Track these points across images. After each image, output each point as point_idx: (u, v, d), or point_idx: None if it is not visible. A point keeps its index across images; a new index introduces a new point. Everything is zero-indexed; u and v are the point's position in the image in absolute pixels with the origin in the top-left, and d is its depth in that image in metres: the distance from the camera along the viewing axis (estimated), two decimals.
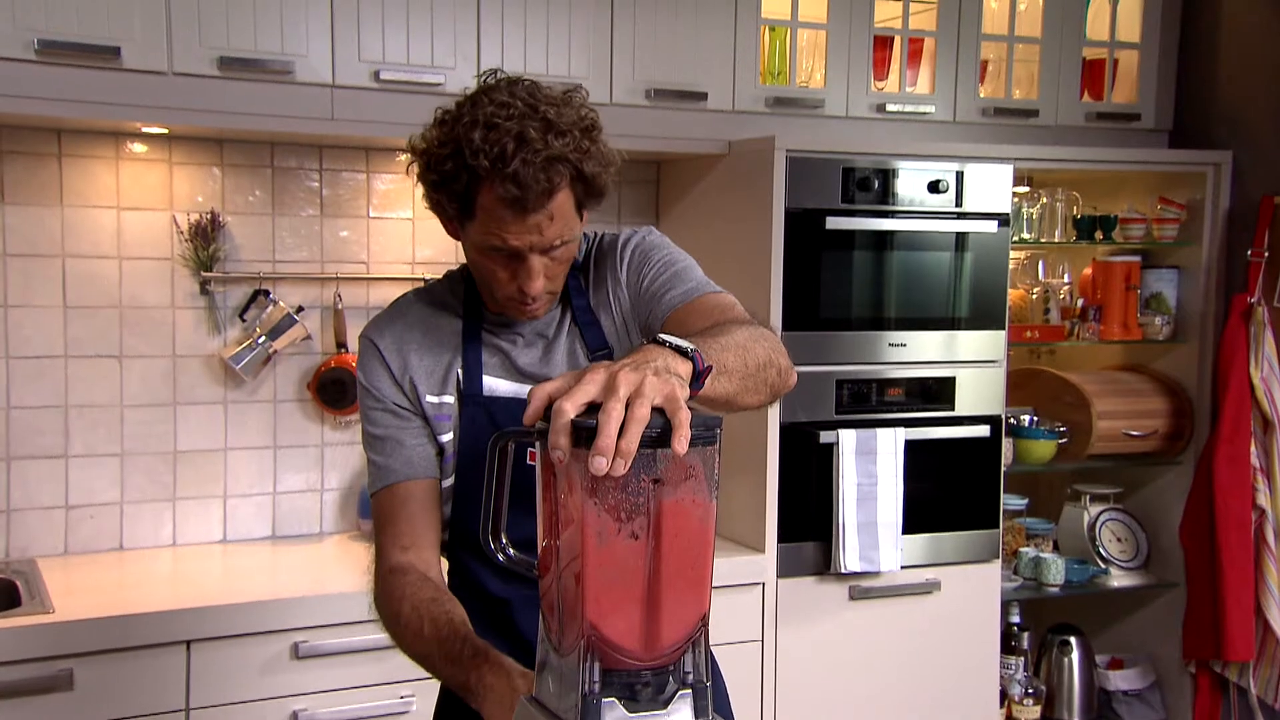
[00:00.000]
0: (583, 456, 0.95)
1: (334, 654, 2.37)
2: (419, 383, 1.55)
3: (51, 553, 2.70)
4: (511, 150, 1.36)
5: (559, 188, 1.39)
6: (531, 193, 1.37)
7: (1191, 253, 3.28)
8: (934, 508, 2.94)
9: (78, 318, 2.70)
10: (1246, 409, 3.07)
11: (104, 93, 2.36)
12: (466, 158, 1.37)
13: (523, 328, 1.57)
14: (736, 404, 1.30)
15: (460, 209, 1.43)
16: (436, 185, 1.44)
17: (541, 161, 1.36)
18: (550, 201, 1.39)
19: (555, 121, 1.39)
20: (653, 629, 0.99)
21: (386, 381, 1.55)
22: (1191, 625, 3.19)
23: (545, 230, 1.41)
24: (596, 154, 1.43)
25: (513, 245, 1.41)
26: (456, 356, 1.56)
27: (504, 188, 1.37)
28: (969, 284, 2.94)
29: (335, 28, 2.52)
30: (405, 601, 1.46)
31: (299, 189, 2.87)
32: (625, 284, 1.57)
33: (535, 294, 1.46)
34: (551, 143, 1.37)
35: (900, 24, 3.08)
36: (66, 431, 2.71)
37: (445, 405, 1.56)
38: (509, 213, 1.39)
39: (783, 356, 1.38)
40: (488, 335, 1.57)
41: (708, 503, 1.00)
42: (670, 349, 1.13)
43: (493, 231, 1.41)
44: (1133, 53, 3.36)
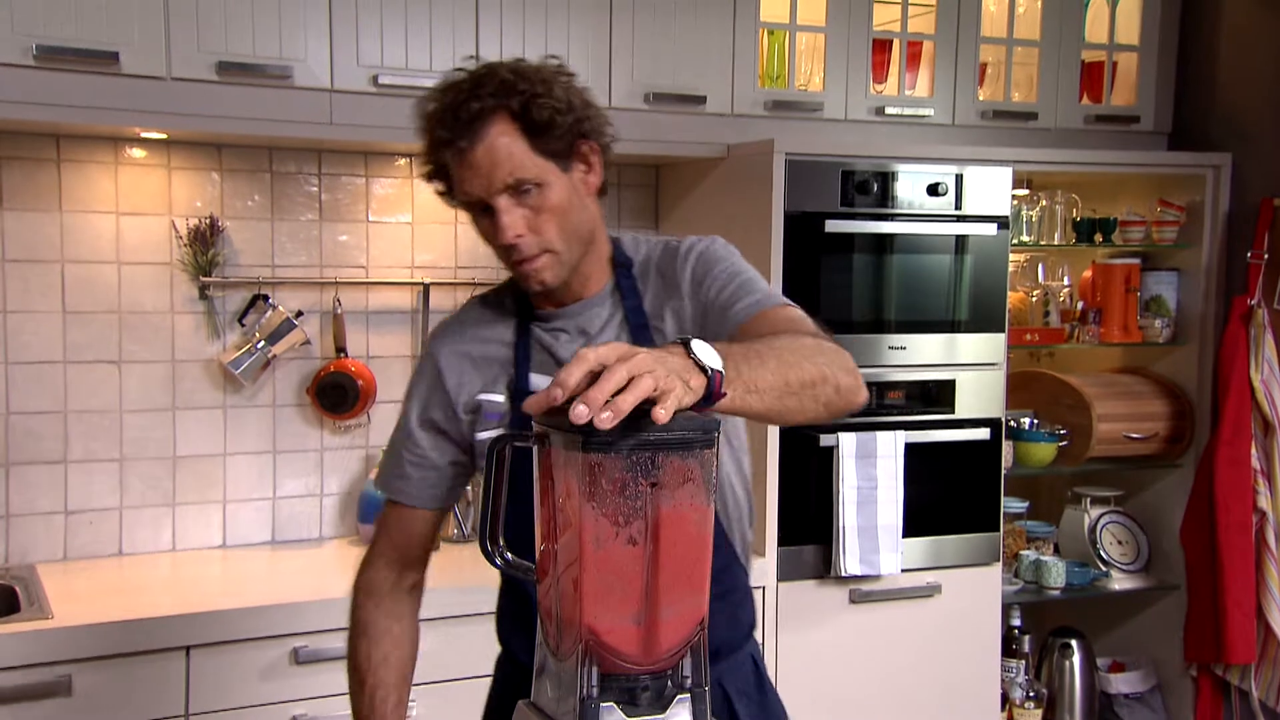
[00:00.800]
0: (578, 460, 0.95)
1: (334, 659, 2.36)
2: (473, 381, 1.60)
3: (51, 558, 2.70)
4: (443, 95, 1.47)
5: (483, 119, 1.43)
6: (459, 130, 1.43)
7: (1191, 255, 3.28)
8: (934, 511, 2.94)
9: (77, 323, 2.70)
10: (1247, 411, 3.06)
11: (103, 98, 2.36)
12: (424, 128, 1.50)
13: (567, 323, 1.58)
14: (777, 420, 1.31)
15: (447, 182, 1.51)
16: (431, 175, 1.54)
17: (464, 99, 1.44)
18: (476, 136, 1.43)
19: (489, 74, 1.46)
20: (651, 633, 0.98)
21: (430, 395, 1.61)
22: (1192, 628, 3.19)
23: (491, 171, 1.44)
24: (536, 92, 1.45)
25: (469, 192, 1.47)
26: (509, 353, 1.60)
27: (438, 134, 1.46)
28: (969, 287, 2.93)
29: (334, 33, 2.52)
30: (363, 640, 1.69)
31: (298, 193, 2.87)
32: (688, 294, 1.56)
33: (509, 241, 1.47)
34: (478, 88, 1.44)
35: (899, 27, 3.08)
36: (66, 437, 2.70)
37: (495, 403, 1.58)
38: (454, 160, 1.46)
39: (846, 374, 1.36)
40: (537, 331, 1.60)
41: (705, 507, 0.99)
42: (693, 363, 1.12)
43: (459, 189, 1.49)
44: (1132, 55, 3.36)
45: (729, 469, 1.61)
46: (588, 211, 1.53)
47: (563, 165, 1.48)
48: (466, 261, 3.03)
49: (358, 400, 2.88)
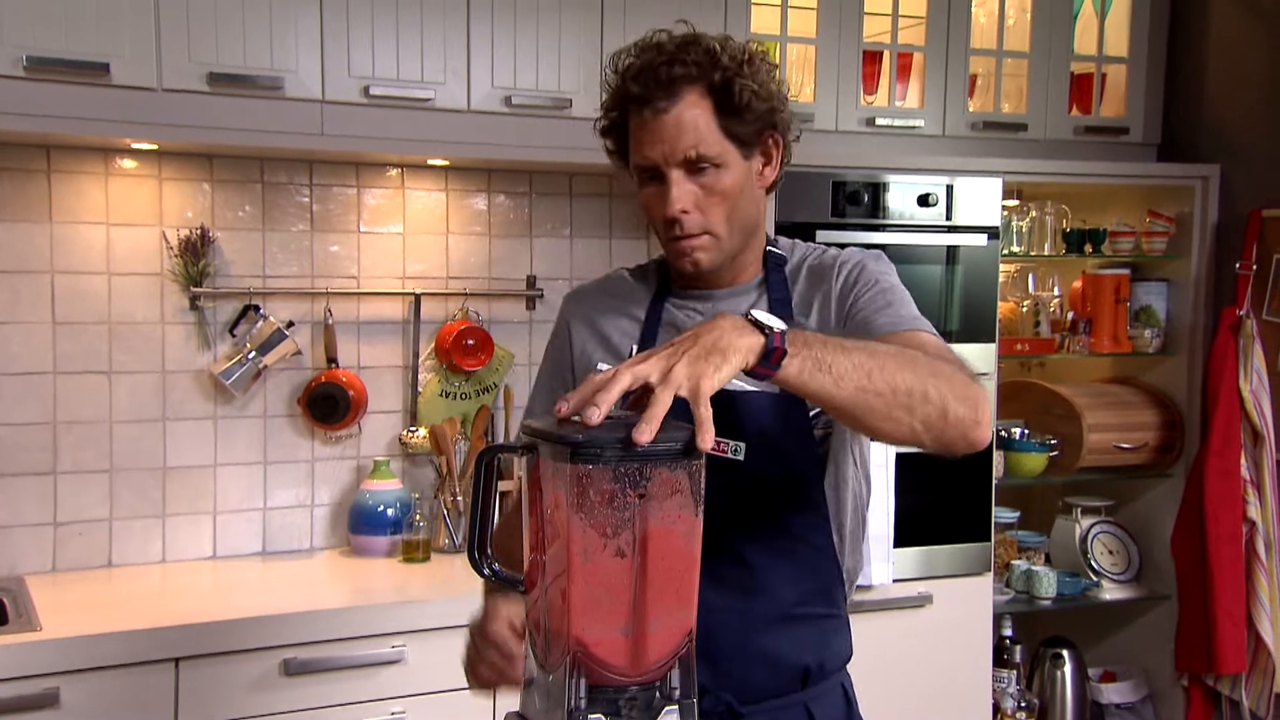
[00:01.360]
0: (567, 471, 0.95)
1: (324, 670, 2.36)
2: (593, 349, 1.60)
3: (40, 570, 2.69)
4: (636, 58, 1.46)
5: (680, 85, 1.42)
6: (652, 89, 1.41)
7: (1180, 266, 3.29)
8: (925, 521, 2.94)
9: (67, 334, 2.69)
10: (1236, 421, 3.07)
11: (93, 109, 2.36)
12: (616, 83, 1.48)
13: (707, 306, 1.55)
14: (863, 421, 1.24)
15: (619, 141, 1.50)
16: (605, 134, 1.53)
17: (664, 61, 1.42)
18: (671, 100, 1.42)
19: (695, 41, 1.45)
20: (639, 645, 0.98)
21: (556, 349, 1.64)
22: (1183, 638, 3.19)
23: (676, 139, 1.42)
24: (739, 72, 1.44)
25: (646, 155, 1.44)
26: (635, 330, 1.58)
27: (631, 88, 1.44)
28: (959, 297, 2.94)
29: (325, 44, 2.52)
30: None
31: (289, 204, 2.87)
32: (835, 298, 1.54)
33: (674, 214, 1.45)
34: (682, 52, 1.43)
35: (889, 39, 3.09)
36: (55, 448, 2.69)
37: None
38: (638, 120, 1.44)
39: (961, 403, 1.28)
40: (672, 310, 1.58)
41: (693, 519, 0.99)
42: (747, 319, 1.17)
43: (635, 150, 1.46)
44: (1120, 67, 3.38)
45: (852, 484, 1.59)
46: (756, 204, 1.52)
47: (745, 151, 1.47)
48: (458, 272, 3.03)
49: (349, 411, 2.87)
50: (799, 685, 1.51)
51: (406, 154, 2.80)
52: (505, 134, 2.70)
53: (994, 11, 3.23)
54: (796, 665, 1.50)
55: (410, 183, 2.97)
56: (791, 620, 1.50)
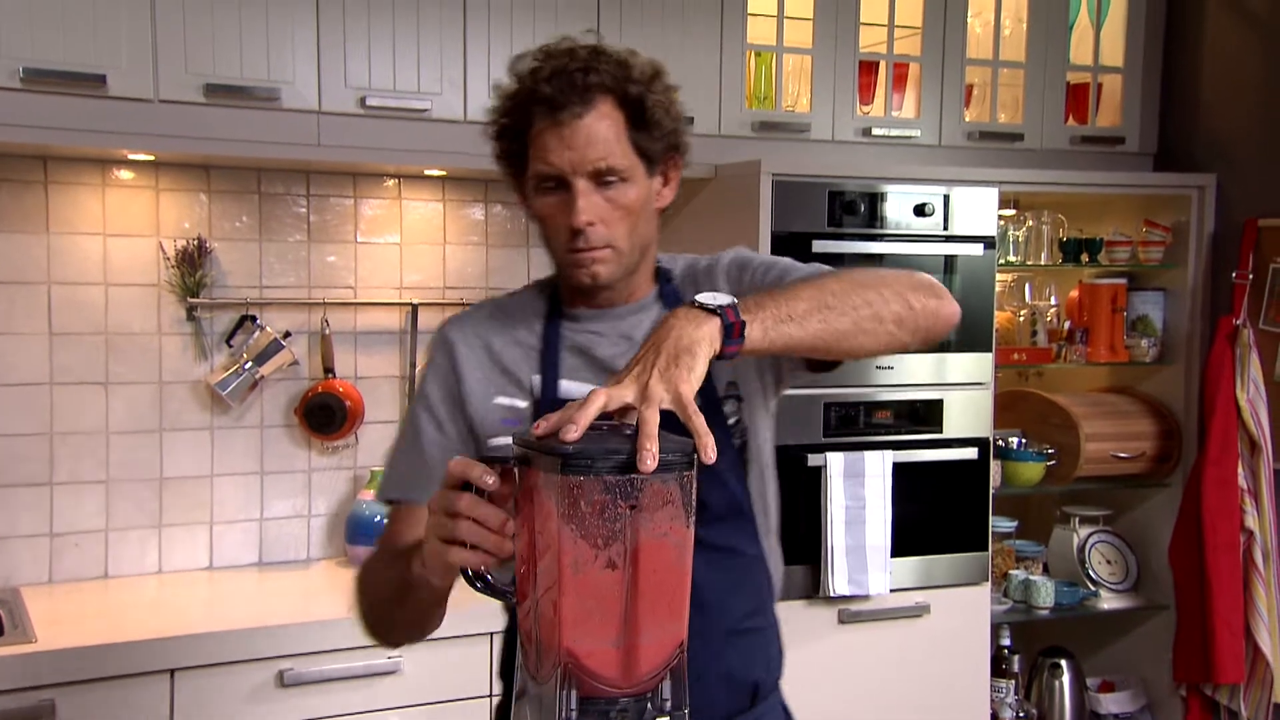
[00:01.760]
0: (557, 482, 0.95)
1: (320, 681, 2.35)
2: (489, 383, 1.51)
3: (36, 581, 2.68)
4: (544, 59, 1.41)
5: (595, 94, 1.39)
6: (566, 94, 1.37)
7: (1177, 275, 3.29)
8: (923, 530, 2.94)
9: (63, 345, 2.69)
10: (1233, 431, 3.07)
11: (90, 120, 2.37)
12: (518, 83, 1.42)
13: (607, 326, 1.52)
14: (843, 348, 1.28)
15: (517, 151, 1.44)
16: (498, 136, 1.47)
17: (579, 67, 1.39)
18: (584, 107, 1.38)
19: (606, 52, 1.43)
20: (630, 656, 0.98)
21: (442, 387, 1.52)
22: (1182, 648, 3.19)
23: (583, 146, 1.39)
24: (650, 87, 1.42)
25: (553, 163, 1.40)
26: (533, 358, 1.52)
27: (540, 92, 1.39)
28: None
29: (321, 54, 2.53)
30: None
31: (286, 215, 2.88)
32: (725, 290, 1.52)
33: (581, 224, 1.40)
34: (596, 60, 1.40)
35: (885, 49, 3.09)
36: (51, 459, 2.69)
37: (516, 409, 1.50)
38: (545, 122, 1.39)
39: (918, 290, 1.36)
40: (567, 335, 1.52)
41: (685, 530, 0.99)
42: (695, 308, 1.16)
43: (535, 157, 1.42)
44: (1116, 77, 3.38)
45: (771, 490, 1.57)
46: (653, 223, 1.51)
47: (649, 168, 1.46)
48: (455, 282, 3.04)
49: (345, 421, 2.88)
50: (749, 703, 1.50)
51: (403, 164, 2.80)
52: None
53: (990, 22, 3.24)
54: (747, 681, 1.50)
55: (407, 193, 2.98)
56: (737, 635, 1.50)
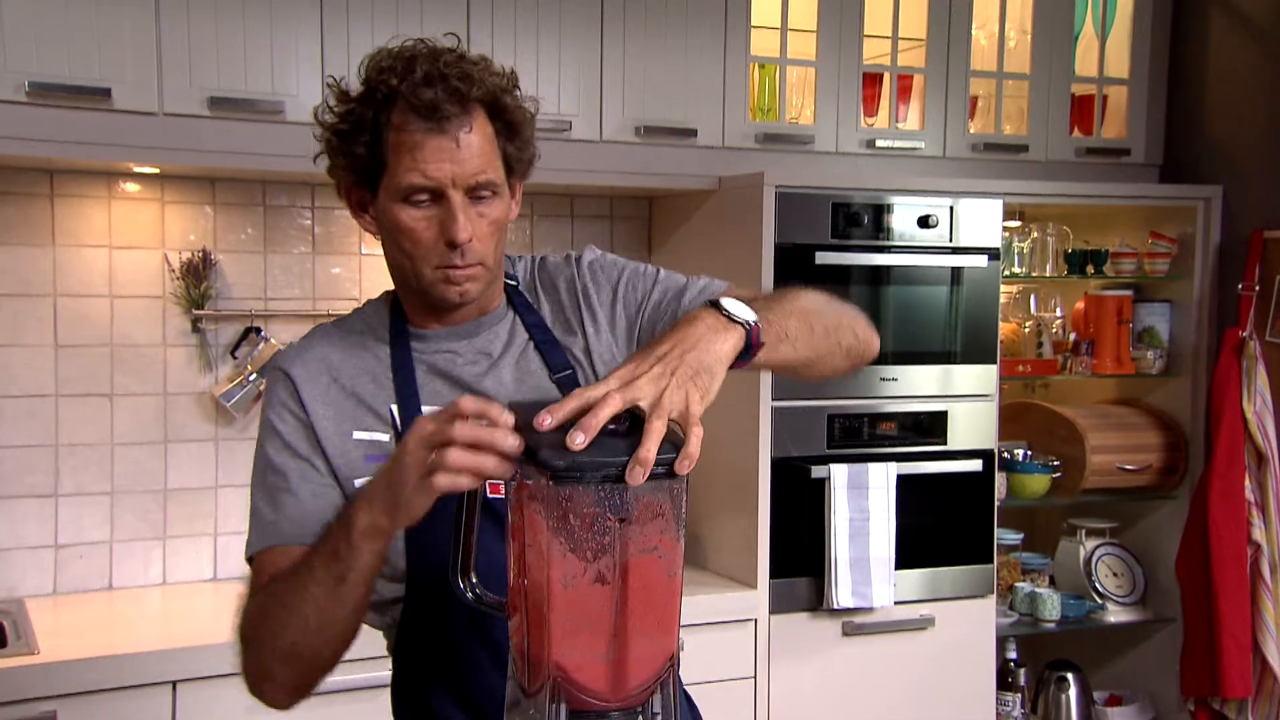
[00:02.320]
0: (544, 494, 0.95)
1: (323, 693, 2.34)
2: (342, 419, 1.38)
3: (40, 593, 2.69)
4: (424, 63, 1.29)
5: (473, 101, 1.30)
6: (445, 100, 1.28)
7: (1183, 287, 3.28)
8: (927, 543, 2.93)
9: (69, 356, 2.70)
10: (1240, 443, 3.06)
11: (95, 133, 2.38)
12: (376, 85, 1.30)
13: (461, 344, 1.42)
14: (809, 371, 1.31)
15: (371, 155, 1.31)
16: (345, 136, 1.33)
17: (456, 72, 1.29)
18: (466, 117, 1.29)
19: (477, 57, 1.35)
20: (620, 670, 0.98)
21: (292, 420, 1.38)
22: (1189, 662, 3.17)
23: (465, 159, 1.30)
24: (514, 95, 1.35)
25: (432, 175, 1.29)
26: (387, 385, 1.40)
27: (415, 97, 1.27)
28: (960, 319, 2.94)
29: (325, 67, 2.53)
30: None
31: (291, 226, 2.89)
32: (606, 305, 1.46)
33: (463, 240, 1.31)
34: (470, 66, 1.32)
35: (889, 61, 3.10)
36: (56, 470, 2.70)
37: (379, 443, 1.37)
38: (422, 130, 1.28)
39: (858, 319, 1.40)
40: (421, 357, 1.41)
41: (675, 543, 0.99)
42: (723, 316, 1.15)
43: (408, 166, 1.29)
44: (1122, 88, 3.38)
45: None
46: (506, 237, 1.44)
47: (510, 181, 1.39)
48: None
49: None
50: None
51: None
52: None
53: (994, 33, 3.24)
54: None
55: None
56: None
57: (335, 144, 1.35)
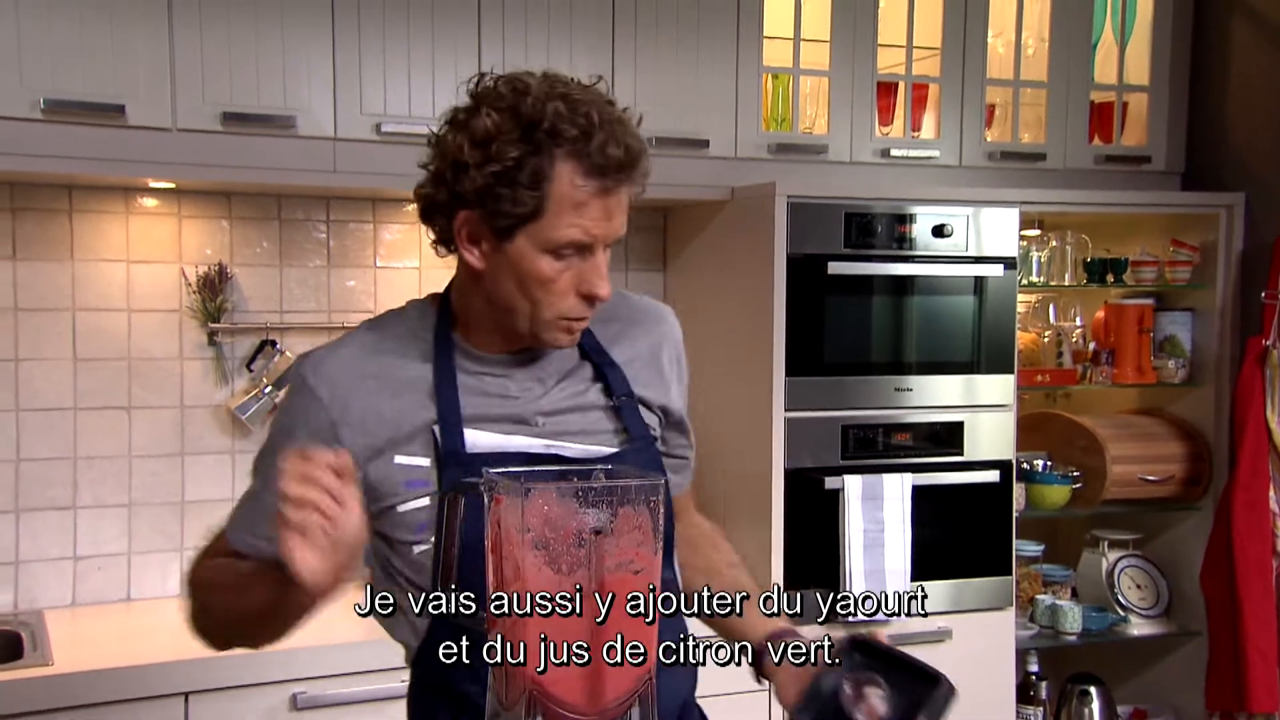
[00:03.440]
0: (524, 508, 0.95)
1: (333, 705, 2.36)
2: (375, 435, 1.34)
3: (59, 604, 2.72)
4: (598, 121, 1.27)
5: (639, 167, 1.31)
6: (618, 165, 1.27)
7: (1205, 295, 3.24)
8: (944, 554, 2.90)
9: (87, 370, 2.73)
10: (1264, 453, 3.01)
11: (110, 150, 2.40)
12: (545, 132, 1.26)
13: (518, 371, 1.39)
14: None
15: (528, 203, 1.28)
16: (500, 178, 1.27)
17: (628, 135, 1.30)
18: (631, 180, 1.30)
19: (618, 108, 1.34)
20: (597, 683, 0.98)
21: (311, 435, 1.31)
22: (1214, 675, 3.12)
23: (618, 219, 1.31)
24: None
25: (592, 234, 1.28)
26: (428, 403, 1.35)
27: (600, 157, 1.26)
28: (977, 328, 2.91)
29: (337, 81, 2.55)
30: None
31: (306, 240, 2.91)
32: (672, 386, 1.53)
33: (605, 294, 1.32)
34: (628, 121, 1.32)
35: (904, 70, 3.08)
36: (75, 483, 2.73)
37: (420, 469, 1.33)
38: (593, 190, 1.27)
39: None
40: (466, 377, 1.37)
41: (653, 555, 0.99)
42: None
43: (570, 222, 1.28)
44: (1142, 95, 3.35)
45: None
46: None
47: None
48: None
49: None
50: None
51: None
52: None
53: (1011, 41, 3.22)
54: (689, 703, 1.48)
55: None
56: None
57: (478, 180, 1.29)
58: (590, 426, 1.41)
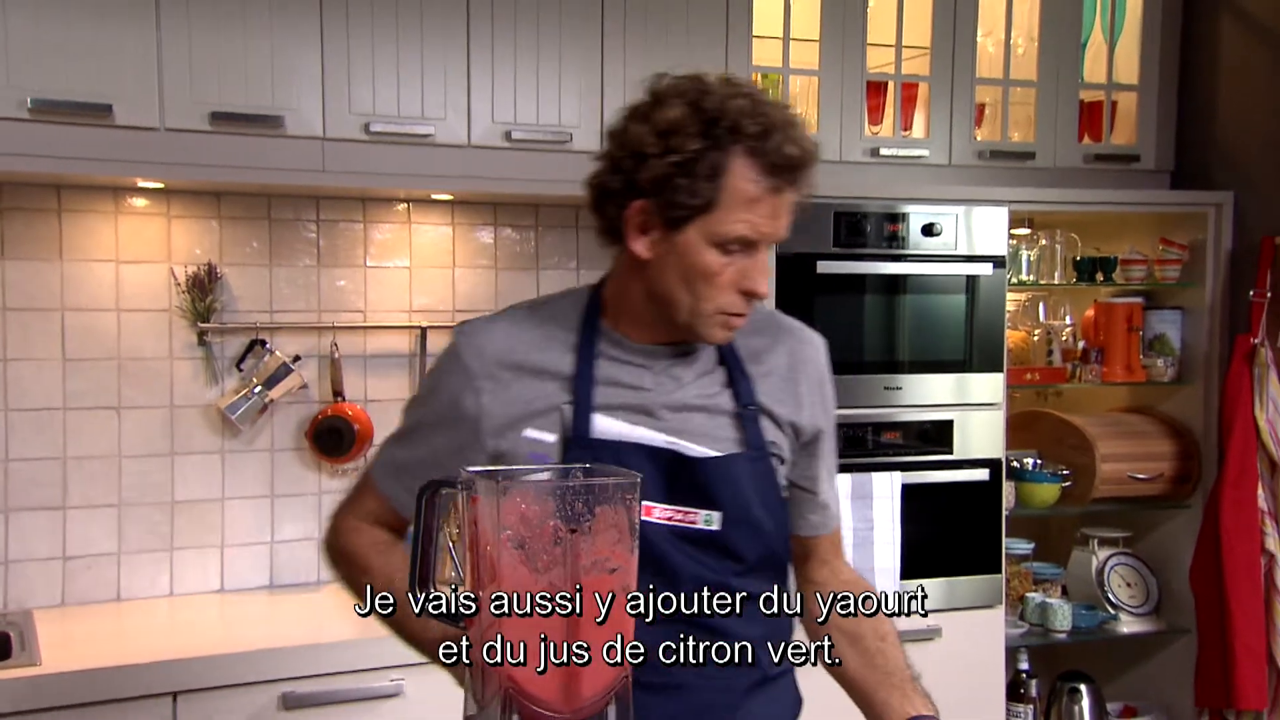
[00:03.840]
0: (500, 505, 0.95)
1: (322, 704, 2.36)
2: (512, 405, 1.41)
3: (49, 604, 2.71)
4: (777, 121, 1.33)
5: (810, 170, 1.36)
6: (792, 165, 1.33)
7: (1194, 294, 3.25)
8: (934, 553, 2.91)
9: (76, 370, 2.73)
10: (1252, 451, 3.02)
11: (98, 149, 2.40)
12: (725, 128, 1.31)
13: (654, 361, 1.45)
14: None
15: (703, 194, 1.33)
16: (680, 169, 1.32)
17: (803, 139, 1.35)
18: (801, 183, 1.35)
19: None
20: (572, 681, 0.98)
21: (454, 399, 1.42)
22: (1203, 673, 3.13)
23: (784, 219, 1.36)
24: None
25: (761, 232, 1.34)
26: (565, 385, 1.41)
27: (777, 156, 1.31)
28: (966, 327, 2.92)
29: (326, 81, 2.55)
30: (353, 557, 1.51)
31: (296, 239, 2.91)
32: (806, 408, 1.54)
33: (763, 292, 1.38)
34: (803, 125, 1.37)
35: (893, 69, 3.09)
36: (65, 483, 2.73)
37: (545, 444, 1.39)
38: (767, 188, 1.32)
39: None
40: (607, 365, 1.43)
41: (629, 554, 0.99)
42: None
43: (740, 218, 1.33)
44: (1131, 94, 3.35)
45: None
46: None
47: None
48: (464, 305, 3.05)
49: (355, 444, 2.89)
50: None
51: (407, 189, 2.82)
52: (507, 168, 2.72)
53: (1001, 41, 3.22)
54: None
55: (416, 217, 3.00)
56: (769, 682, 1.50)
57: (657, 170, 1.33)
58: (713, 430, 1.45)
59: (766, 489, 1.46)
